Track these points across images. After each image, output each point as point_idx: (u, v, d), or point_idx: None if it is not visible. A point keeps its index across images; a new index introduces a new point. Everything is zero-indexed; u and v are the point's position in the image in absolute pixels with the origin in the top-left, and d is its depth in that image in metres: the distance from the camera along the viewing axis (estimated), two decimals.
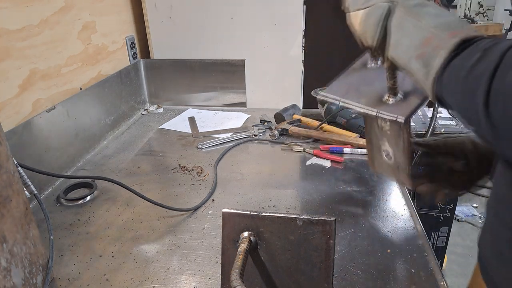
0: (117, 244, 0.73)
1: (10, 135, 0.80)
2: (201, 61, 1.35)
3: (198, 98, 1.41)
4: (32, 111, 0.92)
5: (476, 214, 2.22)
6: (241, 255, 0.46)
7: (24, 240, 0.57)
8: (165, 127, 1.25)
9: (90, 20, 1.13)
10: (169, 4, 1.30)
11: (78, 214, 0.82)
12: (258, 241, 0.50)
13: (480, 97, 0.34)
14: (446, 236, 1.25)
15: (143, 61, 1.39)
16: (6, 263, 0.52)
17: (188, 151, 1.09)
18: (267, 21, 1.25)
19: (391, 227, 0.75)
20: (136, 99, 1.36)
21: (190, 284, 0.63)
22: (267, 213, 0.50)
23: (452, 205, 1.19)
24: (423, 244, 0.70)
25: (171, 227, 0.77)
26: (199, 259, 0.68)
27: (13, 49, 0.86)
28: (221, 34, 1.31)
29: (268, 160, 1.02)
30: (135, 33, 1.39)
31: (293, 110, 1.23)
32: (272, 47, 1.29)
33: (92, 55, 1.15)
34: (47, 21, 0.95)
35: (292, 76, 1.32)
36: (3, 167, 0.53)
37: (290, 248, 0.50)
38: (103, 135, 1.16)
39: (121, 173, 0.98)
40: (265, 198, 0.85)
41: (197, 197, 0.86)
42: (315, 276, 0.49)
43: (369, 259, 0.66)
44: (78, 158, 1.04)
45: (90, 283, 0.64)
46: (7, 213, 0.53)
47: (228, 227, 0.51)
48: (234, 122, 1.27)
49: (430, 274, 0.63)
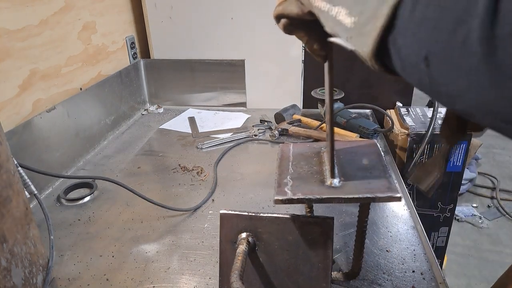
0: (117, 244, 0.73)
1: (10, 135, 0.80)
2: (201, 61, 1.35)
3: (198, 98, 1.41)
4: (32, 111, 0.92)
5: (476, 214, 2.22)
6: (240, 256, 0.46)
7: (24, 240, 0.57)
8: (165, 127, 1.26)
9: (90, 20, 1.13)
10: (169, 4, 1.30)
11: (78, 214, 0.82)
12: (256, 242, 0.50)
13: (477, 16, 0.21)
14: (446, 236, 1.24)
15: (143, 61, 1.39)
16: (6, 263, 0.52)
17: (188, 151, 1.09)
18: (267, 21, 1.25)
19: (391, 227, 0.75)
20: (136, 99, 1.36)
21: (190, 284, 0.63)
22: (265, 214, 0.50)
23: (452, 205, 1.19)
24: (423, 244, 0.70)
25: (171, 227, 0.77)
26: (199, 259, 0.69)
27: (13, 49, 0.86)
28: (221, 34, 1.31)
29: (268, 160, 1.02)
30: (135, 33, 1.39)
31: (293, 110, 1.23)
32: (272, 47, 1.29)
33: (92, 55, 1.15)
34: (47, 21, 0.95)
35: (292, 76, 1.32)
36: (3, 167, 0.53)
37: (288, 249, 0.50)
38: (103, 135, 1.16)
39: (121, 173, 0.98)
40: (265, 198, 0.85)
41: (197, 197, 0.86)
42: (314, 276, 0.49)
43: (368, 259, 0.66)
44: (78, 158, 1.04)
45: (90, 283, 0.64)
46: (7, 213, 0.53)
47: (226, 228, 0.51)
48: (234, 122, 1.27)
49: (430, 274, 0.63)
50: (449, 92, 0.26)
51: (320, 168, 0.51)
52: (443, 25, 0.24)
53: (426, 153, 1.10)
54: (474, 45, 0.21)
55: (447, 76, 0.25)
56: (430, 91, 0.28)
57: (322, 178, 0.49)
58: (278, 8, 0.44)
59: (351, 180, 0.47)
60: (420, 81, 0.28)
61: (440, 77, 0.25)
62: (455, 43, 0.23)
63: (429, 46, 0.25)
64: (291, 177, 0.50)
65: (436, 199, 1.18)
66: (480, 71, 0.22)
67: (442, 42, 0.24)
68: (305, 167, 0.52)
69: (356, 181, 0.47)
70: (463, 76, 0.23)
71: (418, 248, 0.69)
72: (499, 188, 2.42)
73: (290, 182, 0.48)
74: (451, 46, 0.23)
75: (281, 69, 1.32)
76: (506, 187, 2.45)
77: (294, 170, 0.52)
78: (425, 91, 0.29)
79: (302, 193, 0.46)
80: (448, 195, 1.17)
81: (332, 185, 0.47)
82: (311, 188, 0.47)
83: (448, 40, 0.23)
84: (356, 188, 0.46)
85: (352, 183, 0.47)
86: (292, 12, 0.42)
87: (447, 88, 0.25)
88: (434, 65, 0.25)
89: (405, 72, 0.29)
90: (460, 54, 0.23)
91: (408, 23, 0.27)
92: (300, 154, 0.56)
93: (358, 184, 0.46)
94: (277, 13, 0.44)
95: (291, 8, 0.42)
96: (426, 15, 0.25)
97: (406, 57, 0.28)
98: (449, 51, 0.24)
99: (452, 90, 0.25)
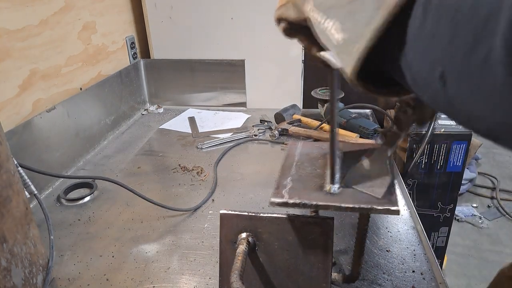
0: (117, 244, 0.73)
1: (10, 135, 0.80)
2: (201, 61, 1.35)
3: (198, 98, 1.41)
4: (32, 111, 0.92)
5: (476, 214, 2.22)
6: (240, 256, 0.46)
7: (24, 240, 0.57)
8: (165, 127, 1.26)
9: (90, 20, 1.13)
10: (169, 4, 1.30)
11: (78, 214, 0.82)
12: (256, 242, 0.50)
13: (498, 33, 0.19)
14: (446, 236, 1.25)
15: (143, 61, 1.39)
16: (6, 263, 0.52)
17: (188, 151, 1.09)
18: (267, 21, 1.25)
19: (391, 227, 0.75)
20: (136, 99, 1.36)
21: (190, 284, 0.63)
22: (265, 214, 0.50)
23: (452, 205, 1.19)
24: (423, 244, 0.70)
25: (171, 227, 0.77)
26: (199, 259, 0.69)
27: (13, 49, 0.86)
28: (221, 34, 1.31)
29: (268, 160, 1.02)
30: (135, 33, 1.39)
31: (293, 110, 1.23)
32: (272, 47, 1.29)
33: (92, 55, 1.15)
34: (47, 21, 0.95)
35: (292, 76, 1.32)
36: (3, 167, 0.53)
37: (288, 249, 0.50)
38: (103, 135, 1.16)
39: (121, 173, 0.98)
40: (265, 198, 0.85)
41: (197, 197, 0.86)
42: (314, 276, 0.49)
43: (368, 259, 0.66)
44: (78, 158, 1.04)
45: (90, 283, 0.64)
46: (7, 213, 0.53)
47: (226, 228, 0.51)
48: (234, 122, 1.27)
49: (430, 274, 0.63)
50: (470, 113, 0.24)
51: (322, 171, 0.51)
52: (459, 42, 0.22)
53: (426, 153, 1.10)
54: (497, 65, 0.20)
55: (467, 96, 0.23)
56: (446, 110, 0.26)
57: (322, 183, 0.48)
58: (278, 12, 0.44)
59: (351, 187, 0.46)
60: (435, 99, 0.26)
61: (458, 97, 0.23)
62: (474, 61, 0.21)
63: (444, 63, 0.23)
64: (292, 179, 0.49)
65: (436, 199, 1.18)
66: (505, 93, 0.20)
67: (460, 60, 0.22)
68: (308, 169, 0.52)
69: (356, 189, 0.46)
70: (486, 97, 0.21)
71: (418, 248, 0.69)
72: (499, 188, 2.42)
73: (289, 184, 0.48)
74: (471, 65, 0.21)
75: (281, 69, 1.32)
76: (506, 187, 2.45)
77: (296, 172, 0.51)
78: (440, 109, 0.27)
79: (299, 197, 0.45)
80: (448, 195, 1.17)
81: (331, 191, 0.46)
82: (309, 192, 0.46)
83: (466, 58, 0.21)
84: (354, 197, 0.44)
85: (351, 191, 0.46)
86: (290, 17, 0.41)
87: (467, 108, 0.24)
88: (451, 84, 0.23)
89: (417, 88, 0.28)
90: (482, 74, 0.21)
91: (418, 38, 0.25)
92: (306, 154, 0.56)
93: (357, 193, 0.45)
94: (277, 16, 0.44)
95: (289, 12, 0.41)
96: (439, 30, 0.23)
97: (418, 74, 0.26)
98: (468, 70, 0.22)
99: (472, 111, 0.23)
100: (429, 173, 1.14)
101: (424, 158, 1.11)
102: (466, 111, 0.24)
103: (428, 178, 1.15)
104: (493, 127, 0.23)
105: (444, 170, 1.13)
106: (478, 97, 0.22)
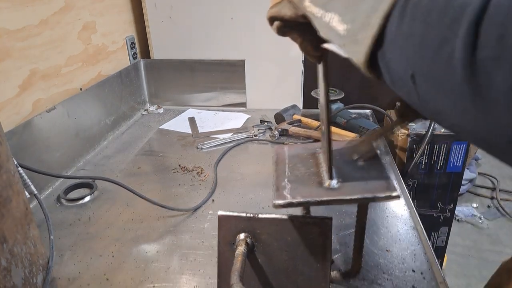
0: (117, 244, 0.73)
1: (10, 135, 0.80)
2: (201, 61, 1.35)
3: (198, 98, 1.41)
4: (32, 111, 0.92)
5: (476, 214, 2.21)
6: (239, 258, 0.46)
7: (24, 240, 0.57)
8: (165, 128, 1.26)
9: (90, 20, 1.13)
10: (169, 4, 1.30)
11: (78, 214, 0.82)
12: (254, 243, 0.50)
13: (460, 35, 0.20)
14: (446, 236, 1.24)
15: (143, 61, 1.39)
16: (6, 263, 0.52)
17: (188, 151, 1.09)
18: (267, 21, 1.25)
19: (391, 227, 0.75)
20: (136, 99, 1.36)
21: (190, 284, 0.63)
22: (263, 215, 0.50)
23: (452, 205, 1.19)
24: (423, 244, 0.70)
25: (171, 227, 0.77)
26: (199, 259, 0.69)
27: (13, 49, 0.86)
28: (221, 34, 1.31)
29: (268, 161, 1.02)
30: (135, 33, 1.39)
31: (293, 110, 1.23)
32: (272, 47, 1.28)
33: (92, 55, 1.15)
34: (47, 21, 0.95)
35: (292, 76, 1.32)
36: (3, 167, 0.53)
37: (287, 249, 0.50)
38: (103, 135, 1.16)
39: (121, 173, 0.99)
40: (265, 199, 0.85)
41: (197, 197, 0.86)
42: (313, 276, 0.49)
43: (368, 259, 0.66)
44: (78, 158, 1.04)
45: (90, 283, 0.64)
46: (7, 213, 0.53)
47: (224, 229, 0.51)
48: (234, 123, 1.27)
49: (430, 274, 0.63)
50: (435, 110, 0.26)
51: (317, 170, 0.51)
52: (428, 42, 0.23)
53: (426, 153, 1.10)
54: (458, 65, 0.21)
55: (433, 94, 0.24)
56: (419, 106, 0.28)
57: (319, 180, 0.49)
58: (271, 11, 0.44)
59: (349, 181, 0.47)
60: (409, 96, 0.28)
61: (426, 94, 0.25)
62: (439, 61, 0.22)
63: (415, 63, 0.25)
64: (289, 180, 0.50)
65: (436, 199, 1.18)
66: (463, 93, 0.22)
67: (428, 60, 0.23)
68: (302, 169, 0.52)
69: (354, 181, 0.47)
70: (448, 95, 0.23)
71: (418, 248, 0.69)
72: (499, 188, 2.41)
73: (289, 185, 0.48)
74: (436, 64, 0.23)
75: (281, 69, 1.32)
76: (506, 187, 2.45)
77: (291, 173, 0.51)
78: (415, 106, 0.28)
79: (301, 196, 0.46)
80: (448, 195, 1.17)
81: (330, 186, 0.47)
82: (310, 190, 0.47)
83: (433, 58, 0.23)
84: (355, 189, 0.45)
85: (350, 184, 0.47)
86: (286, 15, 0.41)
87: (433, 105, 0.25)
88: (421, 82, 0.25)
89: (395, 86, 0.29)
90: (444, 73, 0.22)
91: (395, 38, 0.26)
92: (296, 156, 0.56)
93: (356, 185, 0.46)
94: (270, 15, 0.44)
95: (284, 11, 0.41)
96: (413, 30, 0.24)
97: (395, 72, 0.28)
98: (433, 69, 0.23)
99: (437, 108, 0.25)
100: (429, 174, 1.14)
101: (424, 158, 1.11)
102: (433, 108, 0.26)
103: (428, 178, 1.14)
104: (454, 122, 0.25)
105: (444, 170, 1.13)
106: (443, 95, 0.23)
